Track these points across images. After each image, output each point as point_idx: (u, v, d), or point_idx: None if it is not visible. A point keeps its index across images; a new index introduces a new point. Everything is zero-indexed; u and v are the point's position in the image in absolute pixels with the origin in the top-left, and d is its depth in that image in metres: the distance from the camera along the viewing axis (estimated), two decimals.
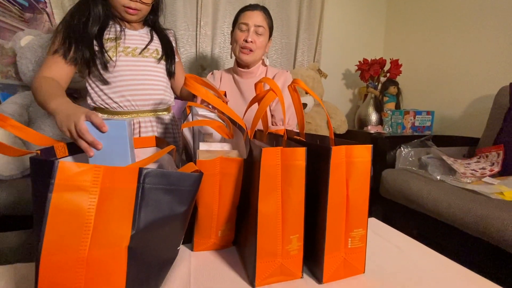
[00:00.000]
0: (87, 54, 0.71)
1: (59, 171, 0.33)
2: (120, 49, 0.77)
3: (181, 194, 0.40)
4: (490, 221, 0.80)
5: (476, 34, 1.59)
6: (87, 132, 0.49)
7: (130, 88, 0.79)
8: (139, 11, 0.76)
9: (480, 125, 1.45)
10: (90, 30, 0.71)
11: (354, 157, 0.46)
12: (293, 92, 0.63)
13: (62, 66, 0.70)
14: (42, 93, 0.60)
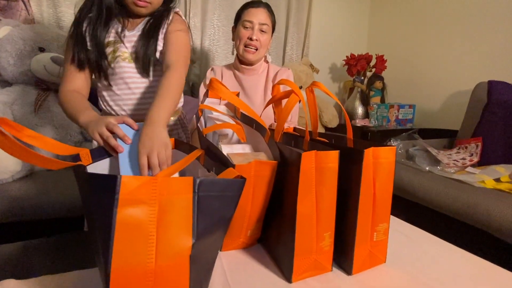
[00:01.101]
0: (90, 60, 0.66)
1: (122, 186, 0.33)
2: (117, 54, 0.69)
3: (229, 200, 0.41)
4: (476, 208, 0.90)
5: (455, 32, 1.71)
6: (117, 126, 0.51)
7: (127, 97, 0.73)
8: (149, 4, 0.67)
9: (457, 118, 1.59)
10: (94, 32, 0.65)
11: (381, 158, 0.50)
12: (310, 93, 0.65)
13: (77, 75, 0.67)
14: (70, 110, 0.61)
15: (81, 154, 0.49)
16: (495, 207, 0.87)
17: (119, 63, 0.69)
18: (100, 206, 0.32)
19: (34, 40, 1.11)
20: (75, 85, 0.66)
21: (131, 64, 0.70)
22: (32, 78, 1.12)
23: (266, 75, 1.08)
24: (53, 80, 1.13)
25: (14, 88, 1.11)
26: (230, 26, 1.87)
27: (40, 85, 1.13)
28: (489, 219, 0.87)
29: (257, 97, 1.06)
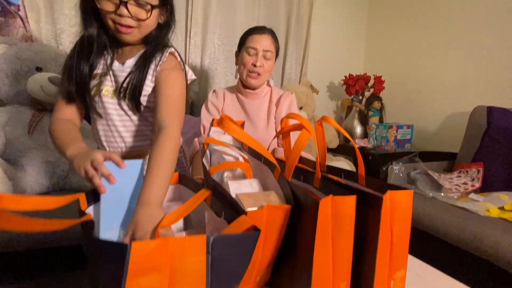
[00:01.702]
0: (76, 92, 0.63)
1: (132, 254, 0.29)
2: (101, 88, 0.64)
3: (243, 255, 0.39)
4: (483, 239, 0.88)
5: (453, 54, 1.75)
6: (102, 165, 0.47)
7: (111, 134, 0.68)
8: (133, 29, 0.60)
9: (456, 140, 1.60)
10: (77, 64, 0.61)
11: (398, 202, 0.48)
12: (319, 127, 0.64)
13: (68, 105, 0.64)
14: (58, 141, 0.58)
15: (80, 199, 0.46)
16: (502, 239, 0.86)
17: (102, 97, 0.65)
18: (109, 274, 0.29)
19: (31, 60, 1.08)
20: (66, 115, 0.64)
21: (114, 100, 0.65)
22: (27, 98, 1.09)
23: (269, 99, 1.07)
24: (49, 100, 1.10)
25: (7, 108, 1.07)
26: (230, 45, 1.90)
27: (35, 105, 1.09)
28: (497, 251, 0.85)
29: (260, 121, 1.04)
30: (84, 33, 0.61)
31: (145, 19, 0.60)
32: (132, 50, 0.66)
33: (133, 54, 0.66)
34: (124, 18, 0.58)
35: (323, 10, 2.15)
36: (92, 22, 0.60)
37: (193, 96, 1.85)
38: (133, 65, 0.64)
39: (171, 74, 0.63)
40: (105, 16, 0.58)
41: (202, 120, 1.06)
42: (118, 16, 0.57)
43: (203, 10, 1.78)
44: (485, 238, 0.89)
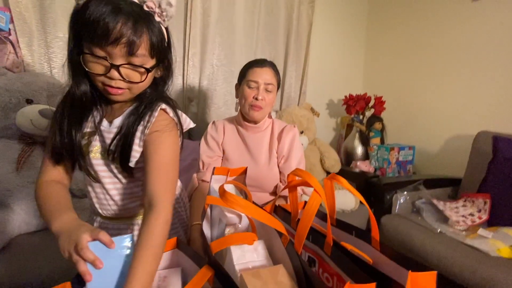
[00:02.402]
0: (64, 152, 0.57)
1: None
2: (90, 149, 0.60)
3: None
4: (496, 285, 0.84)
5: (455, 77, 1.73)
6: (87, 249, 0.42)
7: (102, 196, 0.64)
8: (124, 90, 0.55)
9: (458, 163, 1.58)
10: (71, 123, 0.56)
11: (419, 285, 0.44)
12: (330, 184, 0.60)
13: (56, 166, 0.59)
14: (45, 209, 0.51)
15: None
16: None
17: (91, 159, 0.60)
18: None
19: (21, 92, 1.03)
20: (54, 176, 0.59)
21: (102, 162, 0.61)
22: (16, 132, 1.03)
23: (271, 132, 1.03)
24: (40, 133, 1.04)
25: None
26: (229, 65, 1.87)
27: (24, 139, 1.04)
28: None
29: (262, 156, 1.00)
30: (75, 91, 0.55)
31: (138, 82, 0.55)
32: (122, 107, 0.61)
33: (121, 112, 0.61)
34: (114, 80, 0.52)
35: (322, 29, 2.14)
36: (82, 80, 0.55)
37: (191, 117, 1.79)
38: (120, 125, 0.59)
39: (161, 136, 0.57)
40: (94, 78, 0.54)
41: (202, 154, 1.01)
42: (108, 78, 0.52)
43: (202, 31, 1.75)
44: (496, 283, 0.85)
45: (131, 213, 0.66)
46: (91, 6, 0.48)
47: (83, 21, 0.48)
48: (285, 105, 2.04)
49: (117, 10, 0.48)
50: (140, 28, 0.50)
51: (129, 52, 0.50)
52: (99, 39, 0.48)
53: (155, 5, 0.52)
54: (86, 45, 0.50)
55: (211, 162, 1.00)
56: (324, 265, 0.54)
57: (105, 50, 0.50)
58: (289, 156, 0.99)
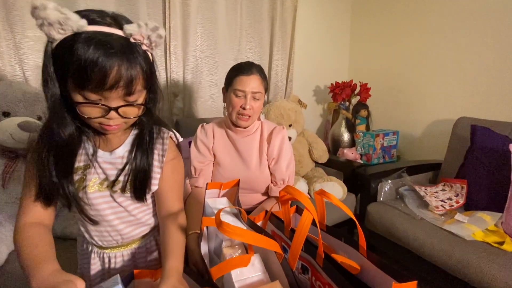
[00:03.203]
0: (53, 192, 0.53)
1: None
2: (85, 184, 0.57)
3: None
4: (469, 267, 0.94)
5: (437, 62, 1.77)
6: None
7: (95, 228, 0.62)
8: (121, 125, 0.54)
9: (440, 146, 1.66)
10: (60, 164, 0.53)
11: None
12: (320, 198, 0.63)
13: (38, 206, 0.54)
14: (23, 258, 0.47)
15: None
16: (486, 267, 0.91)
17: (87, 194, 0.57)
18: None
19: (12, 102, 0.98)
20: (35, 217, 0.54)
21: (104, 194, 0.59)
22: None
23: (260, 135, 1.04)
24: (21, 146, 1.01)
25: None
26: (213, 56, 1.81)
27: (6, 154, 1.00)
28: (482, 279, 0.91)
29: (253, 159, 1.02)
30: (60, 134, 0.50)
31: (137, 115, 0.54)
32: (120, 135, 0.60)
33: (121, 141, 0.60)
34: (112, 119, 0.51)
35: (306, 16, 2.09)
36: (66, 121, 0.51)
37: (177, 113, 1.78)
38: (125, 154, 0.59)
39: (175, 165, 0.64)
40: (90, 120, 0.51)
41: (193, 160, 1.01)
42: (106, 119, 0.50)
43: (182, 21, 1.67)
44: (471, 266, 0.94)
45: (132, 239, 0.67)
46: (78, 49, 0.43)
47: (69, 63, 0.44)
48: (272, 94, 2.03)
49: (110, 52, 0.45)
50: (134, 66, 0.48)
51: (126, 94, 0.49)
52: (94, 86, 0.45)
53: (143, 37, 0.49)
54: (75, 89, 0.47)
55: (203, 168, 1.00)
56: (316, 274, 0.59)
57: (100, 94, 0.47)
58: (279, 157, 1.01)
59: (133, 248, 0.68)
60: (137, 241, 0.69)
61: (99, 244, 0.65)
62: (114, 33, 0.47)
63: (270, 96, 2.01)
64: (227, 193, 0.82)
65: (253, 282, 0.56)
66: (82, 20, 0.44)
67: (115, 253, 0.66)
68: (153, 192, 0.62)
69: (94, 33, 0.45)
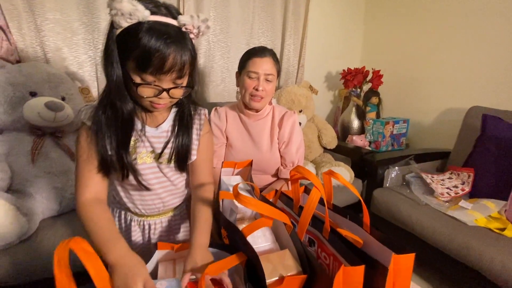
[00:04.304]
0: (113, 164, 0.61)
1: None
2: (135, 156, 0.65)
3: None
4: (470, 250, 0.98)
5: (452, 51, 1.73)
6: None
7: (141, 198, 0.70)
8: (167, 104, 0.61)
9: (450, 135, 1.65)
10: (114, 136, 0.60)
11: (400, 264, 0.53)
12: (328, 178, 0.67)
13: (96, 178, 0.61)
14: (95, 235, 0.55)
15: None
16: (486, 251, 0.95)
17: (137, 165, 0.65)
18: None
19: (24, 85, 1.04)
20: (92, 192, 0.61)
21: (152, 165, 0.67)
22: (25, 125, 1.06)
23: (272, 119, 1.07)
24: (48, 125, 1.08)
25: (6, 137, 1.05)
26: (225, 40, 1.82)
27: (34, 131, 1.07)
28: (481, 262, 0.95)
29: (264, 142, 1.06)
30: (122, 110, 0.58)
31: (180, 97, 0.62)
32: (163, 112, 0.67)
33: (164, 117, 0.67)
34: (163, 99, 0.58)
35: (320, 1, 2.05)
36: (128, 100, 0.58)
37: None
38: (169, 129, 0.67)
39: (209, 137, 0.73)
40: (142, 99, 0.58)
41: None
42: (157, 98, 0.57)
43: (196, 5, 1.68)
44: (471, 249, 0.98)
45: (170, 207, 0.76)
46: (143, 37, 0.50)
47: (133, 49, 0.52)
48: (283, 80, 2.04)
49: (168, 42, 0.51)
50: (186, 53, 0.54)
51: (177, 77, 0.56)
52: (153, 69, 0.53)
53: (193, 27, 0.55)
54: (135, 71, 0.54)
55: (216, 149, 1.05)
56: (322, 246, 0.64)
57: (156, 77, 0.54)
58: (290, 141, 1.05)
59: (170, 216, 0.77)
60: (174, 210, 0.78)
61: (142, 213, 0.73)
62: (170, 23, 0.53)
63: (282, 82, 2.02)
64: (240, 172, 0.88)
65: (265, 250, 0.63)
66: (146, 11, 0.51)
67: (154, 220, 0.75)
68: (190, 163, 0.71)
69: (154, 23, 0.52)
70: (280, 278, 0.52)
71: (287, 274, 0.53)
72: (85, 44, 1.44)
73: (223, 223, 0.67)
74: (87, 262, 0.45)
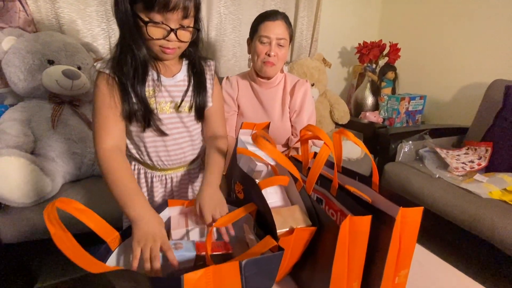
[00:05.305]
0: (136, 113, 0.63)
1: (185, 284, 0.37)
2: (155, 106, 0.66)
3: (270, 272, 0.46)
4: (482, 221, 0.96)
5: (474, 22, 1.62)
6: (158, 261, 0.49)
7: (164, 149, 0.72)
8: (177, 49, 0.63)
9: (469, 113, 1.59)
10: (134, 87, 0.61)
11: (408, 217, 0.53)
12: (338, 137, 0.67)
13: (117, 126, 0.63)
14: (118, 188, 0.57)
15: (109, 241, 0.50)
16: (499, 221, 0.93)
17: (158, 115, 0.67)
18: None
19: (41, 53, 1.07)
20: (115, 138, 0.62)
21: (173, 115, 0.69)
22: (44, 93, 1.10)
23: (283, 88, 1.06)
24: (65, 93, 1.12)
25: (27, 104, 1.10)
26: (236, 13, 1.79)
27: (53, 99, 1.12)
28: (493, 233, 0.94)
29: (275, 111, 1.06)
30: (138, 55, 0.60)
31: (188, 41, 0.63)
32: (175, 64, 0.70)
33: (178, 68, 0.70)
34: (172, 42, 0.60)
35: None
36: (141, 44, 0.59)
37: None
38: (184, 78, 0.70)
39: (218, 88, 0.78)
40: (151, 42, 0.59)
41: None
42: (166, 41, 0.59)
43: None
44: (483, 220, 0.97)
45: (190, 160, 0.79)
46: None
47: None
48: (296, 55, 1.99)
49: None
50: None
51: (183, 16, 0.58)
52: (160, 7, 0.55)
53: None
54: (143, 11, 0.56)
55: (228, 117, 1.06)
56: (330, 204, 0.65)
57: (163, 16, 0.56)
58: (301, 110, 1.05)
59: (189, 169, 0.81)
60: (192, 163, 0.81)
61: (164, 166, 0.74)
62: None
63: (294, 56, 1.98)
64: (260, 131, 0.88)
65: (277, 206, 0.64)
66: None
67: (175, 173, 0.78)
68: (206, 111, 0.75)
69: None
70: (290, 229, 0.54)
71: (297, 227, 0.55)
72: (98, 17, 1.44)
73: (239, 177, 0.69)
74: (84, 217, 0.47)
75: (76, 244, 0.39)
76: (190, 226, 0.64)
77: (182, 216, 0.68)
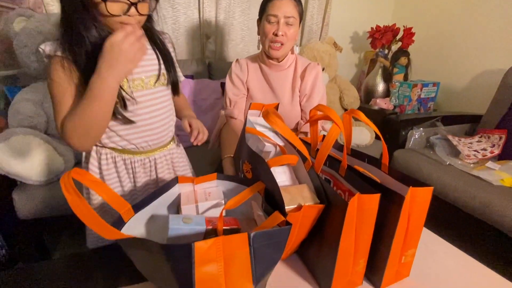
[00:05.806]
0: None
1: (196, 252, 0.38)
2: (129, 84, 0.64)
3: (278, 245, 0.47)
4: (492, 207, 0.95)
5: (492, 7, 1.55)
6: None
7: (149, 128, 0.69)
8: (138, 23, 0.59)
9: (483, 101, 1.54)
10: None
11: (417, 197, 0.53)
12: (349, 117, 0.66)
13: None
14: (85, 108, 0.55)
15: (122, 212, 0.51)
16: (510, 208, 0.92)
17: (133, 94, 0.64)
18: (182, 268, 0.39)
19: (52, 34, 1.07)
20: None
21: (147, 91, 0.67)
22: None
23: (294, 70, 1.05)
24: None
25: (40, 85, 1.12)
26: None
27: None
28: (503, 220, 0.92)
29: (285, 94, 1.05)
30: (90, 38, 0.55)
31: (147, 14, 0.60)
32: None
33: None
34: (133, 17, 0.57)
35: None
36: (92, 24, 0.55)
37: (209, 55, 1.80)
38: (150, 51, 0.67)
39: None
40: (109, 19, 0.55)
41: (228, 92, 1.06)
42: (126, 17, 0.56)
43: None
44: (494, 207, 0.95)
45: (170, 138, 0.78)
46: None
47: None
48: (306, 39, 1.95)
49: None
50: None
51: None
52: None
53: None
54: None
55: (237, 100, 1.06)
56: (338, 184, 0.65)
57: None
58: (312, 94, 1.03)
59: (171, 148, 0.78)
60: (173, 141, 0.80)
61: (148, 149, 0.72)
62: None
63: (304, 41, 1.94)
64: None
65: (285, 185, 0.65)
66: None
67: (159, 154, 0.75)
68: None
69: None
70: (298, 206, 0.54)
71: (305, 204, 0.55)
72: None
73: (247, 156, 0.69)
74: (98, 189, 0.48)
75: (92, 210, 0.40)
76: (200, 202, 0.65)
77: (192, 192, 0.69)
